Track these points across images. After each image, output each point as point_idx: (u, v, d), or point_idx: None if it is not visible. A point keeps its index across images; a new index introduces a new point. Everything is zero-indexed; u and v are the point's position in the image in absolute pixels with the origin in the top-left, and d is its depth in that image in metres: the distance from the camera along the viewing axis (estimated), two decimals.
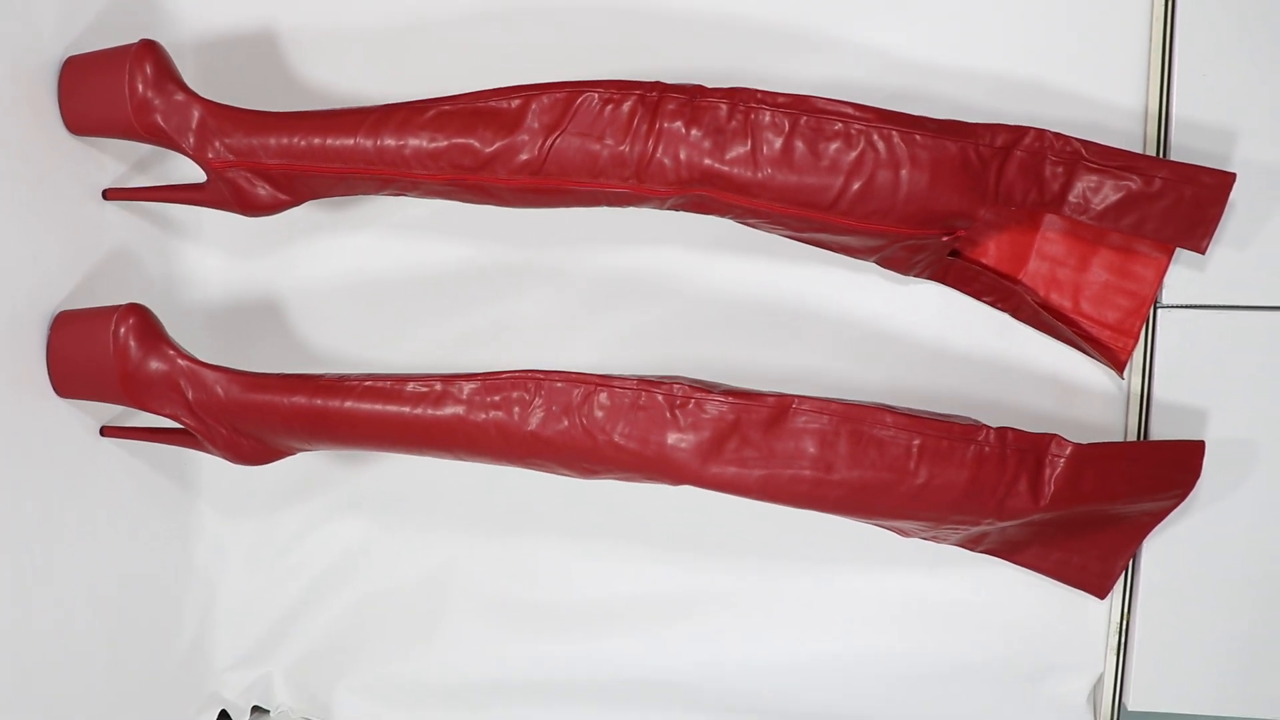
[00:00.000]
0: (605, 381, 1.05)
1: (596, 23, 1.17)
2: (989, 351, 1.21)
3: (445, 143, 1.04)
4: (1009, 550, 1.19)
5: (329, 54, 1.21)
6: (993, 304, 1.19)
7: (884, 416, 1.05)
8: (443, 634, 1.31)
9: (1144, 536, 1.15)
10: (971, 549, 1.19)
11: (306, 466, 1.29)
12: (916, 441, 1.05)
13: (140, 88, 1.05)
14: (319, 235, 1.25)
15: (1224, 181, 1.05)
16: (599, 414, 1.04)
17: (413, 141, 1.05)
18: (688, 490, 1.24)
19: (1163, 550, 1.19)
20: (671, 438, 1.04)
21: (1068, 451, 1.06)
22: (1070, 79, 1.15)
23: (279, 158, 1.06)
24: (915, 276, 1.17)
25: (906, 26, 1.16)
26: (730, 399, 1.05)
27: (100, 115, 1.06)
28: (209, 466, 1.29)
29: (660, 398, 1.05)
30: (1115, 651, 1.23)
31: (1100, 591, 1.19)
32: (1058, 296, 1.18)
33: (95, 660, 1.14)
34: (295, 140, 1.06)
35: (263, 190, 1.09)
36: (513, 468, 1.10)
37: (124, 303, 1.06)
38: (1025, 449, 1.06)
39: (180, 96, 1.06)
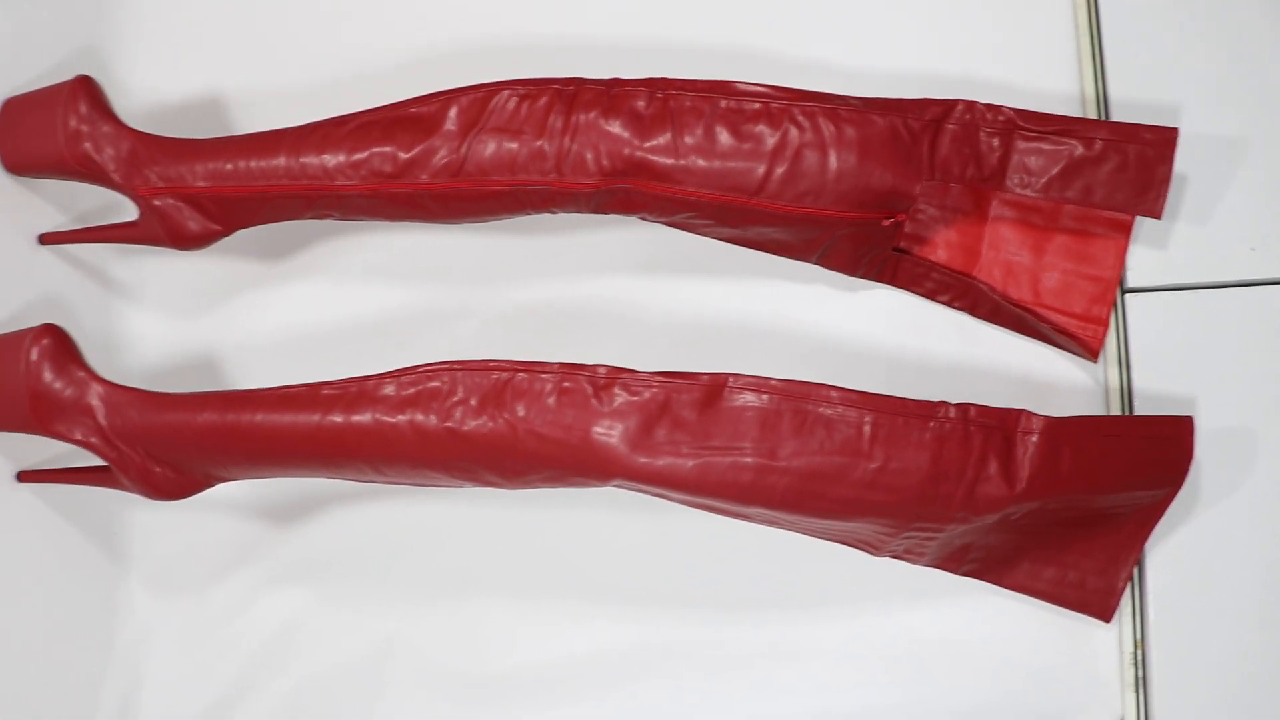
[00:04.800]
0: (525, 366, 0.99)
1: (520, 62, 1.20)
2: (950, 354, 1.13)
3: (365, 152, 1.04)
4: (997, 570, 1.07)
5: (275, 116, 1.23)
6: (949, 303, 1.13)
7: (828, 392, 0.97)
8: (387, 715, 1.18)
9: (1144, 540, 1.03)
10: (954, 570, 1.07)
11: (240, 532, 1.21)
12: (868, 419, 0.96)
13: (72, 121, 1.06)
14: (261, 288, 1.23)
15: (1167, 137, 1.01)
16: (519, 403, 0.98)
17: (334, 154, 1.04)
18: (632, 523, 1.15)
19: (1168, 561, 1.06)
20: (597, 425, 0.97)
21: (1039, 426, 0.97)
22: (1001, 71, 1.13)
23: (205, 180, 1.06)
24: (862, 277, 1.12)
25: (832, 38, 1.16)
26: (659, 379, 0.98)
27: (34, 149, 1.07)
28: (140, 535, 1.21)
29: (584, 381, 0.98)
30: (1134, 688, 1.07)
31: (1104, 613, 1.05)
32: (1016, 289, 1.11)
33: None
34: (221, 164, 1.06)
35: (193, 222, 1.08)
36: (437, 485, 1.02)
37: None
38: (991, 425, 0.97)
39: (108, 128, 1.07)
